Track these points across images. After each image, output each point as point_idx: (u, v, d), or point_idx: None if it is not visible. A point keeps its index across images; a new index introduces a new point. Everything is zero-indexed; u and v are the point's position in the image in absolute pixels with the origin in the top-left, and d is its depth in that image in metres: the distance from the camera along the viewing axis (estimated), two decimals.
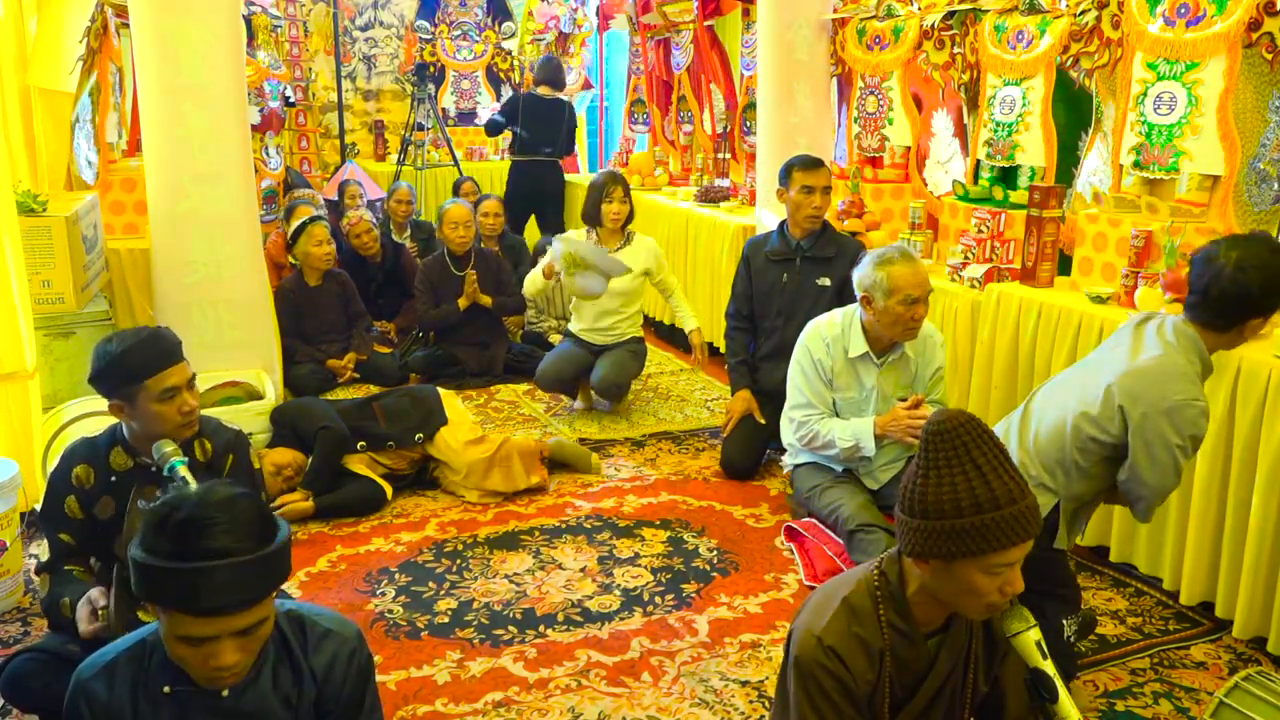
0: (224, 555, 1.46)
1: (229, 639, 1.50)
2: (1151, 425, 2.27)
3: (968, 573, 1.59)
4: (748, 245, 4.21)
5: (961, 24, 4.42)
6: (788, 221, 4.06)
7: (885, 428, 3.21)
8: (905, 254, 3.13)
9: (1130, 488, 2.38)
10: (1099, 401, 2.35)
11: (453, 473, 3.81)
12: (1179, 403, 2.25)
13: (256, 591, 1.50)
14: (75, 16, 4.56)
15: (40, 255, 3.84)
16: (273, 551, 1.52)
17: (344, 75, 8.87)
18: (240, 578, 1.47)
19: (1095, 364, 2.51)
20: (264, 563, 1.50)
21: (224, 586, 1.45)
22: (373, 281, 5.88)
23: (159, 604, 1.50)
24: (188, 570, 1.44)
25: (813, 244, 4.00)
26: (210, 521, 1.47)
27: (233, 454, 2.42)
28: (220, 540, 1.46)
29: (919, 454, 1.64)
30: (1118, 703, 2.56)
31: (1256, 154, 3.27)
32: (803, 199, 3.93)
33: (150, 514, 1.51)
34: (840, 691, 1.69)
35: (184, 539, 1.46)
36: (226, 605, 1.47)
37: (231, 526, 1.48)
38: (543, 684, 2.64)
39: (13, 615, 2.96)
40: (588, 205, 4.71)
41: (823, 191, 3.94)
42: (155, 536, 1.49)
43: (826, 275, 3.98)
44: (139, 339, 2.27)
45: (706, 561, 3.32)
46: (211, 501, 1.50)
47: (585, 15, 9.20)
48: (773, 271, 4.06)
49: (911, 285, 3.08)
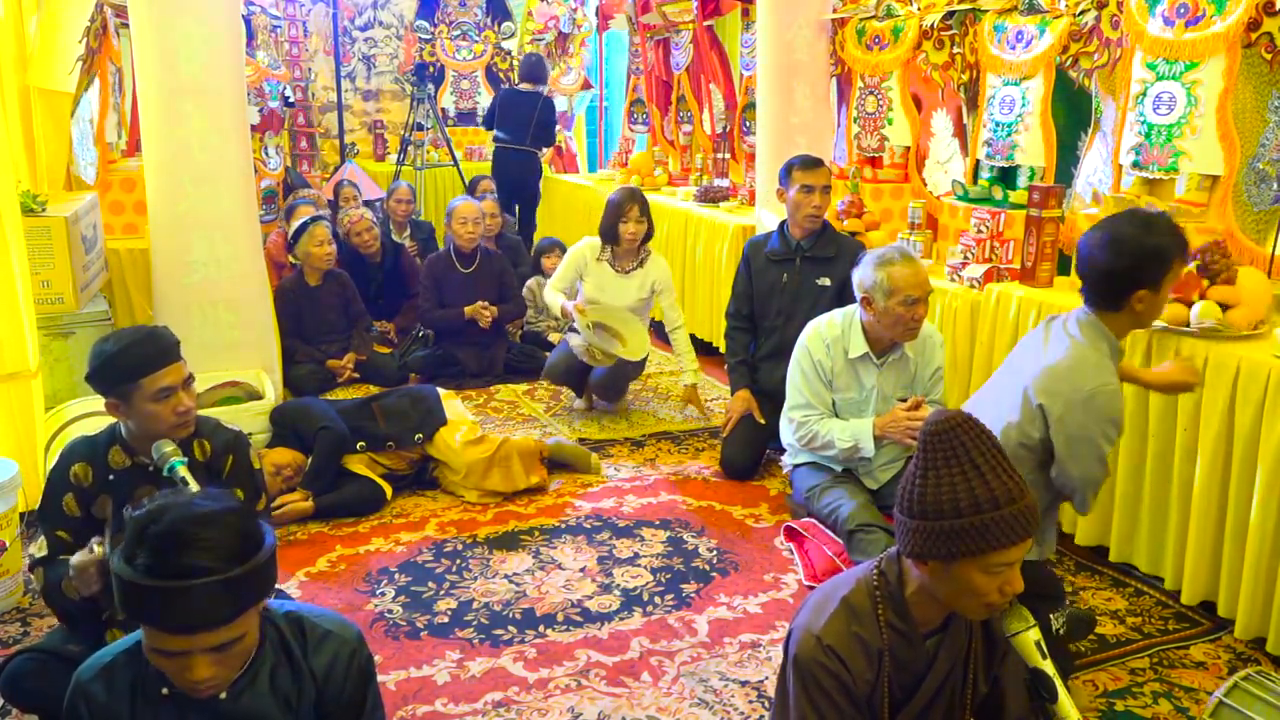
0: (199, 574, 1.43)
1: (202, 654, 1.48)
2: (1072, 419, 2.32)
3: (967, 573, 1.59)
4: (748, 245, 4.21)
5: (961, 24, 4.42)
6: (788, 221, 4.07)
7: (884, 429, 3.21)
8: (905, 255, 3.13)
9: (1062, 483, 2.42)
10: (1019, 407, 2.40)
11: (452, 473, 3.81)
12: (1092, 390, 2.30)
13: (230, 611, 1.47)
14: (75, 16, 4.55)
15: (40, 255, 3.84)
16: (249, 570, 1.48)
17: (343, 75, 8.87)
18: (213, 597, 1.44)
19: (1008, 371, 2.57)
20: (240, 582, 1.47)
21: (195, 605, 1.43)
22: (372, 281, 5.87)
23: (132, 617, 1.48)
24: (159, 588, 1.43)
25: (813, 244, 4.01)
26: (188, 538, 1.45)
27: (232, 454, 2.42)
28: (197, 558, 1.44)
29: (917, 454, 1.64)
30: (1117, 702, 2.57)
31: (1256, 154, 3.27)
32: (802, 198, 3.94)
33: (133, 521, 1.50)
34: (839, 690, 1.69)
35: (160, 553, 1.44)
36: (198, 624, 1.45)
37: (210, 544, 1.46)
38: (542, 684, 2.64)
39: (12, 615, 2.96)
40: (605, 223, 4.56)
41: (822, 191, 3.94)
42: (134, 547, 1.47)
43: (827, 275, 3.98)
44: (135, 338, 2.27)
45: (706, 561, 3.32)
46: (192, 516, 1.47)
47: (585, 15, 9.20)
48: (773, 272, 4.06)
49: (912, 286, 3.08)
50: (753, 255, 4.14)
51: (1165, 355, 2.93)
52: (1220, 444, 2.79)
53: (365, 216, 5.82)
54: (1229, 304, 2.90)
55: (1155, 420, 2.98)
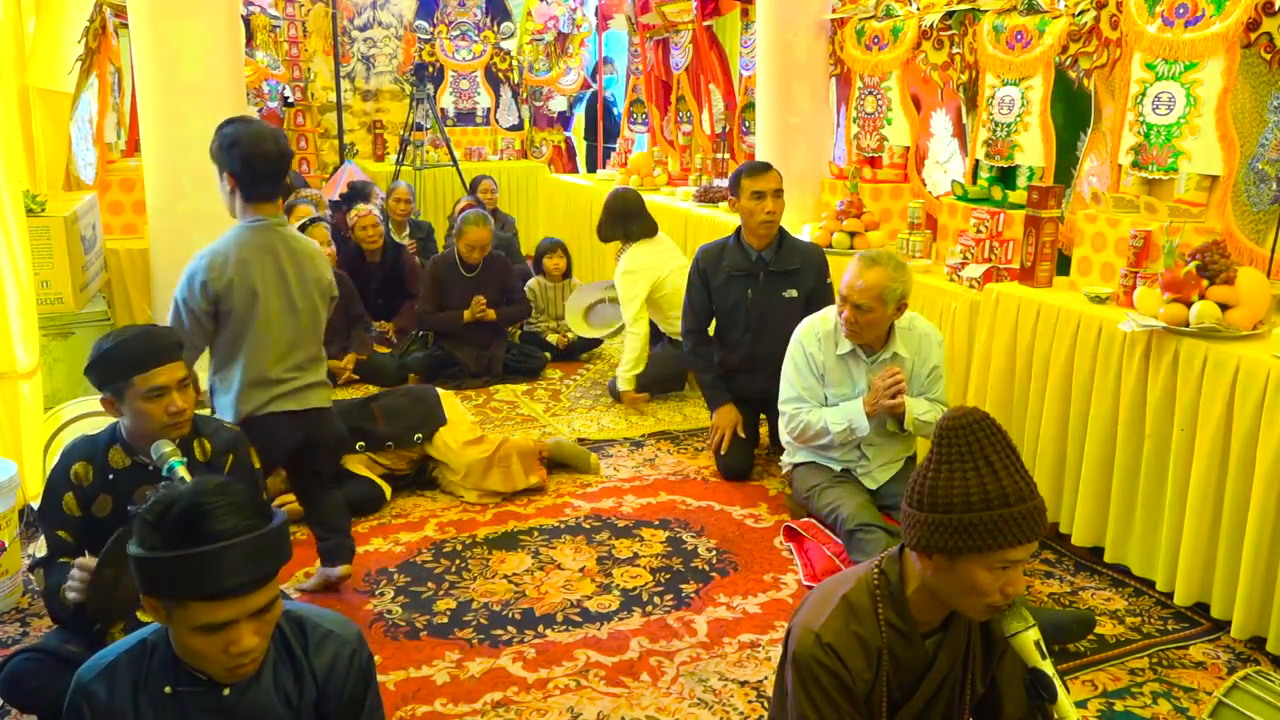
0: (233, 535, 1.47)
1: (247, 621, 1.51)
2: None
3: (971, 570, 1.60)
4: (700, 255, 4.07)
5: (960, 24, 4.42)
6: (743, 231, 3.98)
7: (872, 405, 3.22)
8: (869, 259, 3.14)
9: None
10: None
11: (451, 473, 3.81)
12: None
13: (268, 567, 1.52)
14: (74, 17, 4.56)
15: (39, 255, 3.84)
16: (276, 529, 1.54)
17: (343, 75, 8.87)
18: (252, 555, 1.49)
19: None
20: (271, 539, 1.52)
21: (238, 565, 1.47)
22: (372, 281, 5.89)
23: (172, 596, 1.49)
24: (201, 554, 1.46)
25: (774, 256, 3.95)
26: (211, 506, 1.49)
27: (232, 454, 2.42)
28: (227, 522, 1.48)
29: (932, 448, 1.65)
30: (1116, 703, 2.57)
31: (1255, 154, 3.27)
32: (754, 205, 3.86)
33: (146, 513, 1.51)
34: (838, 688, 1.69)
35: (189, 527, 1.47)
36: (243, 584, 1.48)
37: (232, 509, 1.50)
38: (542, 684, 2.64)
39: (12, 615, 2.96)
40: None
41: (774, 195, 3.87)
42: (156, 532, 1.49)
43: (793, 287, 3.94)
44: (131, 335, 2.28)
45: (705, 561, 3.32)
46: (207, 489, 1.52)
47: (584, 15, 9.20)
48: (736, 287, 3.97)
49: (845, 285, 3.14)
50: (710, 270, 4.01)
51: (1165, 355, 2.93)
52: (1218, 444, 2.79)
53: (373, 212, 5.88)
54: (1228, 304, 2.90)
55: (1152, 420, 2.98)
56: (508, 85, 9.28)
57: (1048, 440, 3.34)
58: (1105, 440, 3.13)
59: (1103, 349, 3.13)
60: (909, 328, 3.31)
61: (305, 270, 2.93)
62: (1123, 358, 3.06)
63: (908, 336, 3.31)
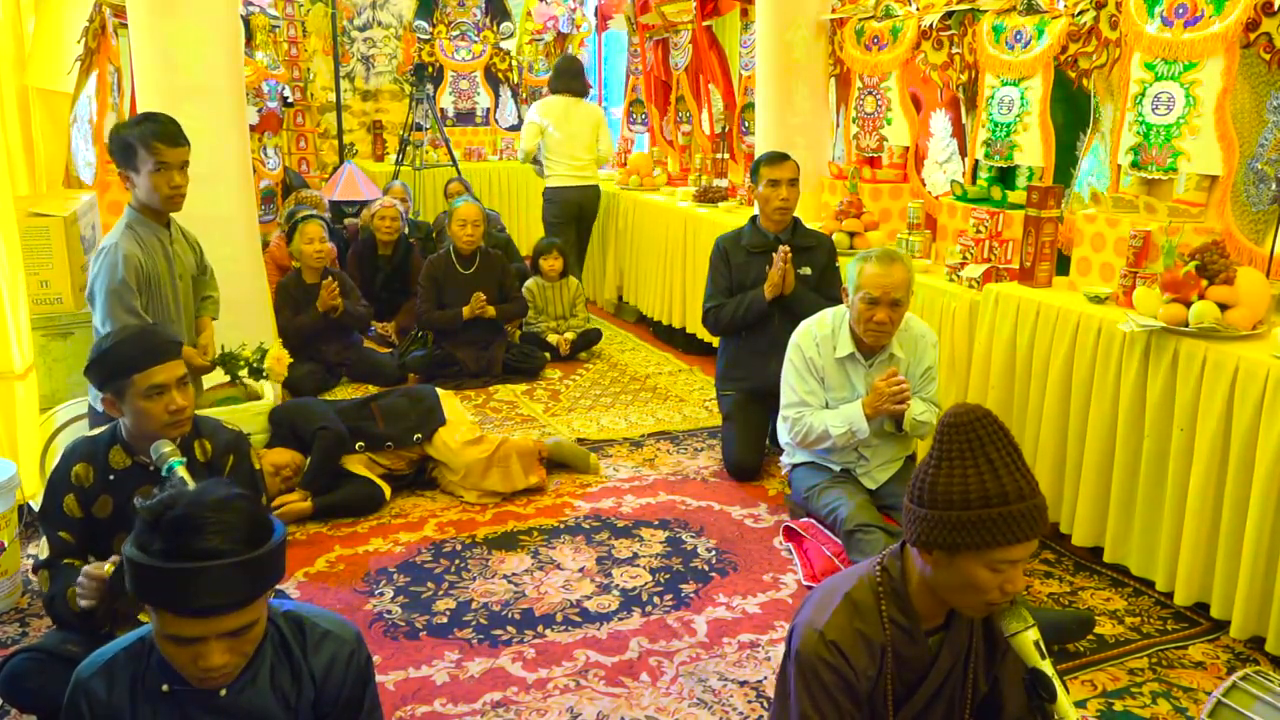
0: (214, 556, 1.45)
1: (217, 640, 1.50)
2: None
3: (970, 567, 1.60)
4: (721, 242, 4.24)
5: (960, 24, 4.42)
6: (759, 216, 4.16)
7: (873, 406, 3.21)
8: (887, 256, 3.14)
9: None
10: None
11: (451, 473, 3.81)
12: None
13: (245, 594, 1.49)
14: (73, 16, 4.55)
15: (39, 255, 3.84)
16: (264, 554, 1.51)
17: (342, 75, 8.86)
18: (229, 580, 1.46)
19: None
20: (254, 565, 1.49)
21: (212, 587, 1.45)
22: (379, 272, 5.90)
23: (148, 602, 1.49)
24: (176, 570, 1.44)
25: (791, 235, 4.10)
26: (203, 522, 1.47)
27: (233, 455, 2.42)
28: (211, 541, 1.46)
29: (934, 445, 1.65)
30: (1116, 703, 2.57)
31: (1254, 154, 3.27)
32: (770, 192, 4.05)
33: (146, 510, 1.51)
34: (841, 686, 1.69)
35: (175, 538, 1.46)
36: (214, 607, 1.46)
37: (224, 528, 1.48)
38: (541, 684, 2.64)
39: (11, 615, 2.96)
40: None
41: (788, 184, 4.04)
42: (148, 534, 1.49)
43: (808, 264, 4.08)
44: (131, 334, 2.28)
45: (705, 561, 3.32)
46: (205, 502, 1.50)
47: (584, 15, 9.19)
48: (755, 264, 4.11)
49: (872, 285, 3.12)
50: (731, 250, 4.19)
51: (1165, 355, 2.93)
52: (1217, 444, 2.79)
53: (395, 206, 5.92)
54: (1228, 304, 2.90)
55: (1151, 420, 2.98)
56: (507, 85, 9.28)
57: (1047, 440, 3.34)
58: (1105, 440, 3.13)
59: (1102, 349, 3.13)
60: (904, 328, 3.31)
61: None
62: (1122, 358, 3.06)
63: (904, 337, 3.31)
